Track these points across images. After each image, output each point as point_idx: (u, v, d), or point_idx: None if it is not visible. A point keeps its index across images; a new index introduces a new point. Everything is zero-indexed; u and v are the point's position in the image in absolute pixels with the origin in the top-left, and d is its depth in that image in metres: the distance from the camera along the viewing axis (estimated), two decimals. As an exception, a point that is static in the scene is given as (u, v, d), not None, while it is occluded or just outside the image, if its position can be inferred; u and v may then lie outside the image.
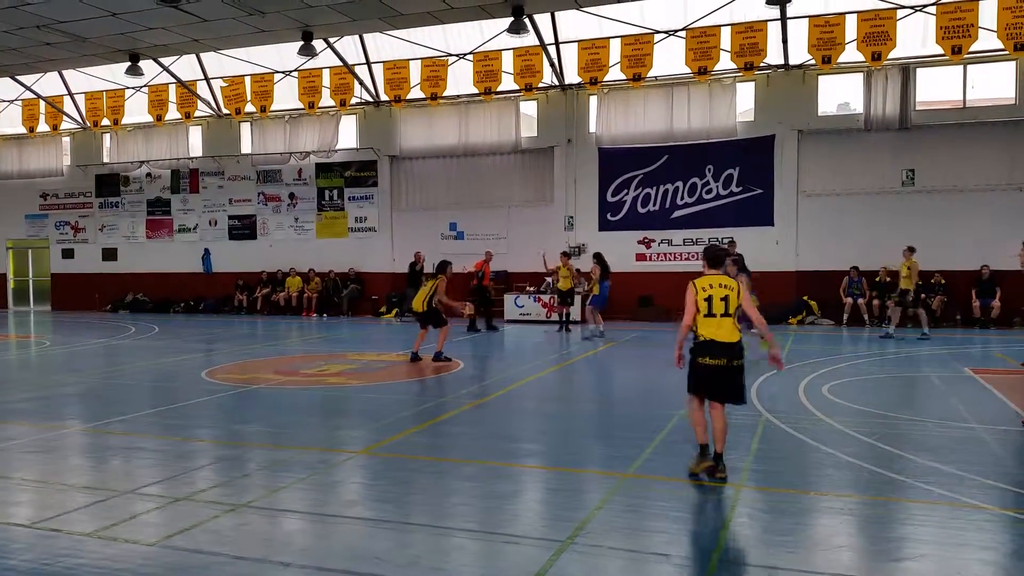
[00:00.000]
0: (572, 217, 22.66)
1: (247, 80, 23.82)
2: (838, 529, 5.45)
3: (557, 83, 22.22)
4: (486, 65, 21.48)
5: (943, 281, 19.10)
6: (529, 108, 23.28)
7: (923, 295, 17.79)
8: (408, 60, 22.40)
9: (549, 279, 20.85)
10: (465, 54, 21.94)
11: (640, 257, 21.93)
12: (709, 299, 6.30)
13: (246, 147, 26.16)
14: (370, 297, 24.73)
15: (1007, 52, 17.54)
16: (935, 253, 18.67)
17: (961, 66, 19.17)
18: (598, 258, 17.79)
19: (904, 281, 16.13)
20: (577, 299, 19.91)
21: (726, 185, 21.14)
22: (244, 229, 26.51)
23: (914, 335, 16.44)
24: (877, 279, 19.53)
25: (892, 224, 19.22)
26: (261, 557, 4.85)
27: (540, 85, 21.82)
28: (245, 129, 26.16)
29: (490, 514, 5.76)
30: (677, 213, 21.64)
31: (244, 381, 11.64)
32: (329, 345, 17.05)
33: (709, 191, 21.31)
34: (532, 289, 22.04)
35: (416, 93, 22.69)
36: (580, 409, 10.02)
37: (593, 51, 20.43)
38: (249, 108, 24.08)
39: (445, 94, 22.42)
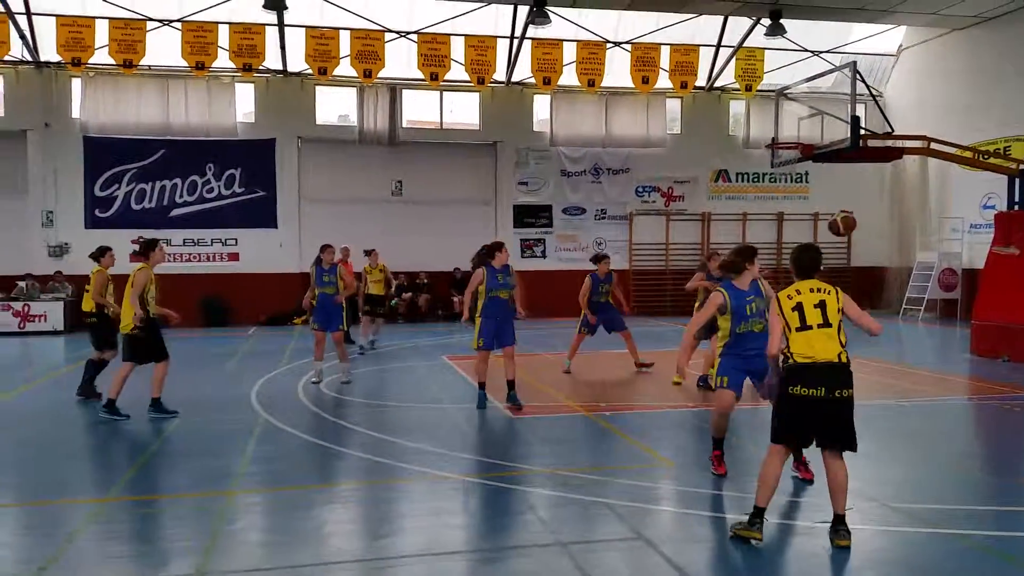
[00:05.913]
0: (51, 212, 19.92)
1: None
2: (329, 518, 5.80)
3: (30, 59, 19.30)
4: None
5: (426, 280, 21.48)
6: (-8, 85, 19.83)
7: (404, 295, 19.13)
8: None
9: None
10: None
11: (134, 258, 20.17)
12: (799, 307, 4.99)
13: None
14: None
15: (472, 84, 20.46)
16: (420, 257, 21.01)
17: (438, 91, 21.76)
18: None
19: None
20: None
21: (228, 185, 20.71)
22: None
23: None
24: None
25: (385, 230, 20.86)
26: None
27: (7, 58, 18.75)
28: None
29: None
30: (176, 211, 20.50)
31: None
32: None
33: (211, 190, 20.64)
34: (1, 296, 18.76)
35: None
36: (59, 433, 8.86)
37: (75, 29, 18.32)
38: None
39: None
